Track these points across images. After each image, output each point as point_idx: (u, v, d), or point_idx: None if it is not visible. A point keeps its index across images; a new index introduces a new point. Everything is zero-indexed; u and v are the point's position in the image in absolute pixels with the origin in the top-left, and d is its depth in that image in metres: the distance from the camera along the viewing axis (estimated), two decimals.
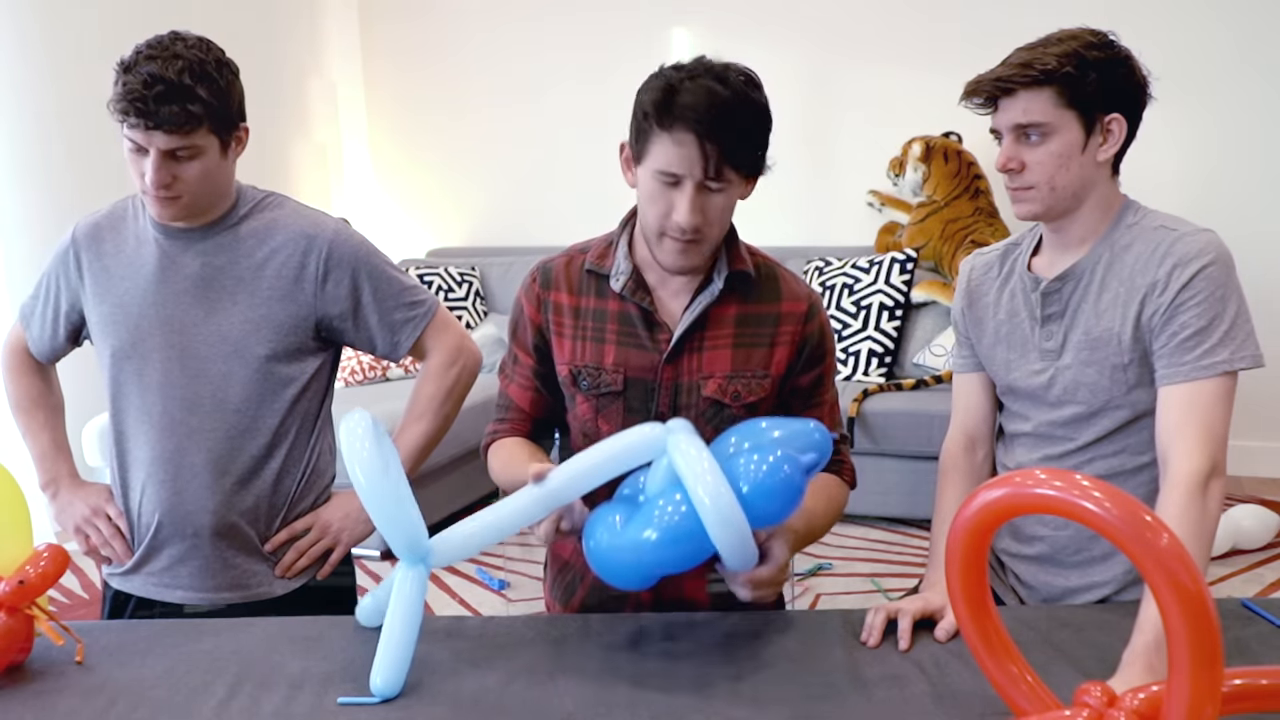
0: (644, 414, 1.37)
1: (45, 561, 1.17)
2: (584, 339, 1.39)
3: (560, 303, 1.40)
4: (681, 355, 1.36)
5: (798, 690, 1.11)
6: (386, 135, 4.95)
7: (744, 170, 1.26)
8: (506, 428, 1.48)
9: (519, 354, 1.46)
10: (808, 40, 4.15)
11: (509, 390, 1.48)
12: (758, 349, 1.37)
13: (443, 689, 1.13)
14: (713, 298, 1.35)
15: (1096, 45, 1.30)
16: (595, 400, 1.39)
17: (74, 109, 3.30)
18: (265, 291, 1.49)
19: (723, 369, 1.36)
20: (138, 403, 1.51)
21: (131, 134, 1.38)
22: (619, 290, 1.36)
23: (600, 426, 1.39)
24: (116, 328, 1.50)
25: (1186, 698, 0.76)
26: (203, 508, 1.49)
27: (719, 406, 1.37)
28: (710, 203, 1.25)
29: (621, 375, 1.37)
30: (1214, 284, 1.28)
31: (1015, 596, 1.51)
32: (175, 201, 1.44)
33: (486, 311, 4.40)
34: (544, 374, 1.45)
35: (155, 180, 1.40)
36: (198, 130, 1.39)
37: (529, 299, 1.43)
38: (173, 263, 1.50)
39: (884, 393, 3.42)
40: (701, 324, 1.36)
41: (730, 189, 1.26)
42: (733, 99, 1.21)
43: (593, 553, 1.13)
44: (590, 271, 1.40)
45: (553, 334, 1.41)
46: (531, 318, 1.43)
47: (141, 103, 1.34)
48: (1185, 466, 1.23)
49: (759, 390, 1.37)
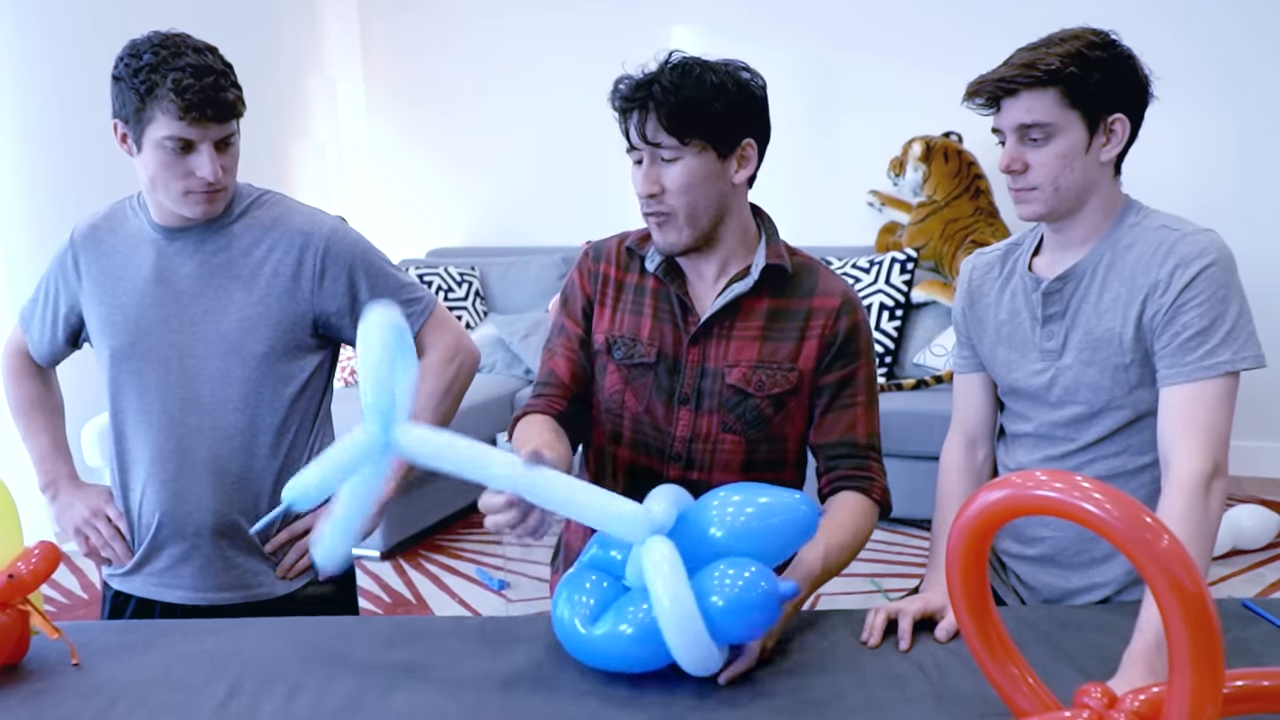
0: (669, 394, 1.41)
1: (36, 558, 1.17)
2: (624, 310, 1.45)
3: (607, 274, 1.47)
4: (710, 341, 1.40)
5: (798, 690, 1.11)
6: (386, 134, 4.95)
7: (680, 134, 1.29)
8: (542, 403, 1.47)
9: (566, 323, 1.50)
10: (808, 39, 4.15)
11: (551, 363, 1.50)
12: (786, 342, 1.39)
13: (443, 689, 1.12)
14: (746, 289, 1.38)
15: (1099, 45, 1.30)
16: (626, 371, 1.43)
17: (75, 110, 3.29)
18: (262, 289, 1.49)
19: (749, 359, 1.39)
20: (137, 403, 1.51)
21: (182, 131, 1.37)
22: (653, 270, 1.42)
23: (627, 400, 1.43)
24: (115, 328, 1.50)
25: (1187, 699, 0.76)
26: (203, 507, 1.49)
27: (742, 395, 1.39)
28: (665, 172, 1.31)
29: (655, 349, 1.42)
30: (1216, 284, 1.28)
31: (1016, 597, 1.51)
32: (220, 196, 1.45)
33: (486, 311, 4.40)
34: (588, 343, 1.49)
35: (214, 172, 1.40)
36: (238, 117, 1.42)
37: (581, 271, 1.50)
38: (170, 262, 1.49)
39: (884, 393, 3.42)
40: (732, 313, 1.39)
41: (685, 159, 1.30)
42: (658, 72, 1.30)
43: (560, 628, 1.15)
44: (630, 249, 1.46)
45: (597, 303, 1.47)
46: (582, 287, 1.49)
47: (200, 94, 1.35)
48: (1187, 467, 1.23)
49: (784, 382, 1.39)
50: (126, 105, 1.39)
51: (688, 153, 1.30)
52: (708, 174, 1.32)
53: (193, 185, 1.42)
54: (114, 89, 1.41)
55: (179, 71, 1.34)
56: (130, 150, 1.44)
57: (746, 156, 1.36)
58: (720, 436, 1.40)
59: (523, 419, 1.45)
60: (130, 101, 1.38)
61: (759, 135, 1.36)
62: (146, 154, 1.41)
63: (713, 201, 1.34)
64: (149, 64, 1.36)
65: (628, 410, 1.44)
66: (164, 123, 1.37)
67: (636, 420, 1.44)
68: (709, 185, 1.33)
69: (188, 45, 1.38)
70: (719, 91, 1.29)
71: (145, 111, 1.37)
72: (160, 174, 1.41)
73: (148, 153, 1.40)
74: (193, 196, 1.43)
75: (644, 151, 1.32)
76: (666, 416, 1.42)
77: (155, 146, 1.39)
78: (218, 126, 1.39)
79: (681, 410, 1.41)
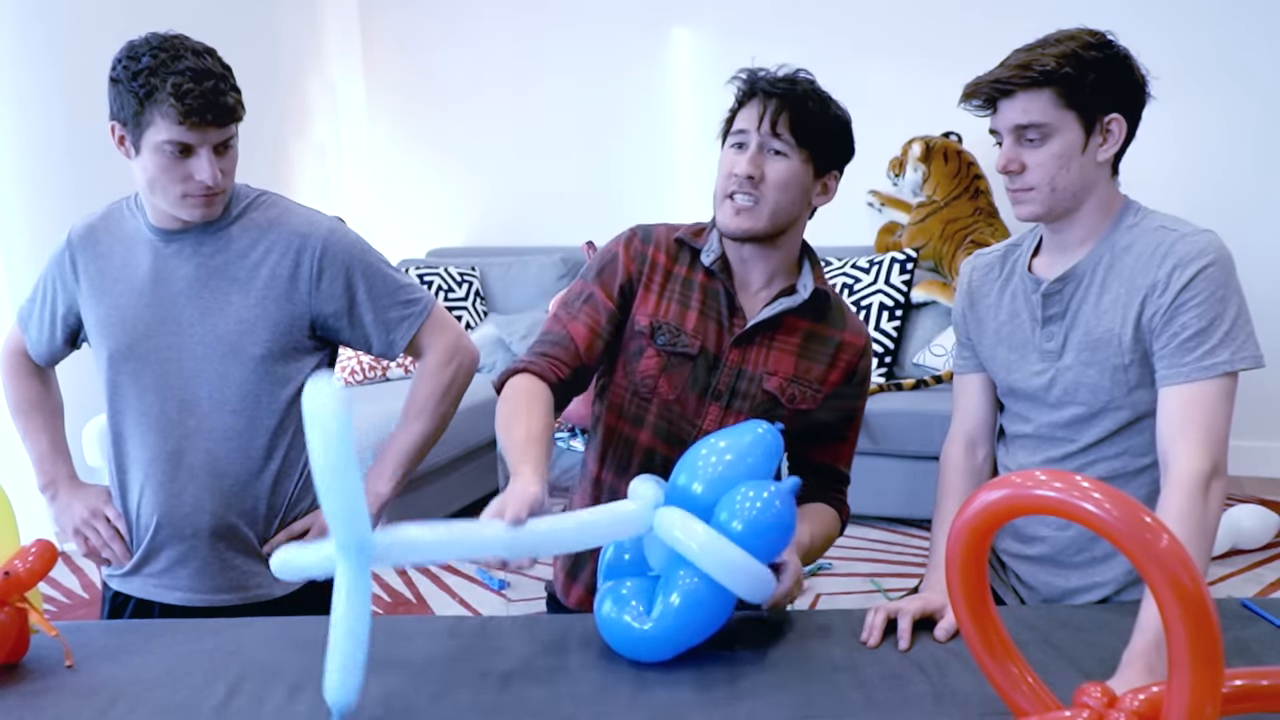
0: (703, 388, 1.44)
1: (33, 556, 1.17)
2: (670, 299, 1.46)
3: (657, 260, 1.47)
4: (752, 346, 1.44)
5: (798, 690, 1.11)
6: (386, 134, 4.95)
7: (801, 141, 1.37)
8: (544, 364, 1.40)
9: (597, 293, 1.46)
10: (807, 39, 4.15)
11: (570, 326, 1.44)
12: (818, 364, 1.46)
13: (442, 689, 1.12)
14: (794, 305, 1.44)
15: (1095, 45, 1.30)
16: (667, 358, 1.44)
17: (75, 110, 3.29)
18: (260, 291, 1.49)
19: (786, 371, 1.45)
20: (135, 405, 1.51)
21: (182, 135, 1.36)
22: (709, 265, 1.44)
23: (660, 386, 1.44)
24: (113, 330, 1.50)
25: (1186, 698, 0.76)
26: (201, 508, 1.49)
27: (774, 403, 1.44)
28: (769, 163, 1.38)
29: (699, 342, 1.44)
30: (1214, 285, 1.28)
31: (1016, 596, 1.51)
32: (218, 199, 1.45)
33: (486, 311, 4.40)
34: (618, 321, 1.47)
35: (213, 176, 1.39)
36: (238, 120, 1.41)
37: (626, 248, 1.48)
38: (167, 264, 1.49)
39: (884, 393, 3.43)
40: (775, 326, 1.45)
41: (789, 159, 1.37)
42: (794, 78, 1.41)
43: (619, 640, 1.17)
44: (681, 242, 1.48)
45: (642, 286, 1.47)
46: (625, 264, 1.47)
47: (200, 98, 1.34)
48: (1186, 467, 1.23)
49: (810, 401, 1.46)
50: (125, 108, 1.38)
51: (797, 159, 1.38)
52: (802, 183, 1.40)
53: (191, 189, 1.41)
54: (111, 91, 1.40)
55: (178, 75, 1.34)
56: (128, 153, 1.43)
57: (828, 188, 1.46)
58: None
59: (514, 379, 1.38)
60: (129, 104, 1.37)
61: (841, 166, 1.47)
62: (145, 157, 1.40)
63: (794, 209, 1.41)
64: (148, 67, 1.35)
65: (658, 396, 1.45)
66: (163, 127, 1.36)
67: (665, 407, 1.45)
68: (798, 194, 1.40)
69: (186, 48, 1.37)
70: (836, 121, 1.43)
71: (144, 115, 1.36)
72: (159, 177, 1.41)
73: (146, 156, 1.40)
74: (191, 200, 1.43)
75: (757, 139, 1.38)
76: (696, 409, 1.44)
77: (154, 150, 1.38)
78: (217, 130, 1.39)
79: (712, 405, 1.44)
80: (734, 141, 1.40)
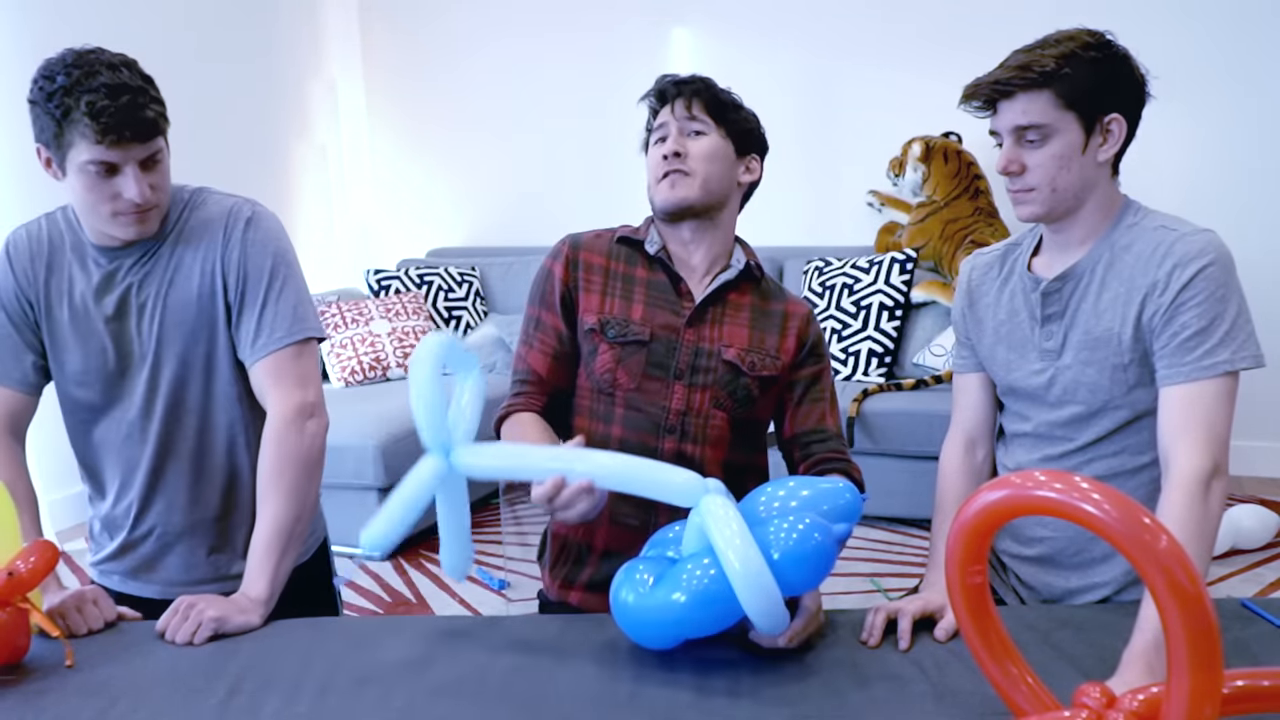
0: (664, 370, 1.46)
1: (35, 556, 1.17)
2: (613, 296, 1.50)
3: (592, 262, 1.52)
4: (704, 324, 1.48)
5: (798, 690, 1.11)
6: (386, 135, 4.95)
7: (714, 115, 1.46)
8: (522, 401, 1.50)
9: (543, 316, 1.53)
10: (808, 40, 4.15)
11: (529, 358, 1.53)
12: (771, 334, 1.51)
13: (442, 689, 1.13)
14: (731, 277, 1.49)
15: (1094, 46, 1.30)
16: (620, 349, 1.47)
17: None
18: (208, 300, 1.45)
19: (740, 342, 1.48)
20: (108, 425, 1.49)
21: (103, 155, 1.31)
22: (654, 253, 1.49)
23: (619, 377, 1.46)
24: (67, 344, 1.46)
25: (1186, 699, 0.76)
26: (176, 507, 1.50)
27: (736, 372, 1.46)
28: (691, 142, 1.46)
29: (648, 329, 1.47)
30: (1214, 284, 1.28)
31: (1016, 597, 1.51)
32: (151, 215, 1.40)
33: (486, 311, 4.40)
34: (567, 336, 1.51)
35: (141, 193, 1.34)
36: (162, 134, 1.36)
37: (557, 261, 1.53)
38: (110, 278, 1.45)
39: (884, 393, 3.42)
40: (721, 303, 1.50)
41: (709, 135, 1.46)
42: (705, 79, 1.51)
43: (620, 610, 1.16)
44: (622, 240, 1.53)
45: (581, 290, 1.50)
46: (561, 277, 1.51)
47: (115, 115, 1.28)
48: (1187, 467, 1.23)
49: (771, 367, 1.49)
50: (45, 130, 1.33)
51: (716, 135, 1.47)
52: (726, 156, 1.48)
53: (120, 207, 1.36)
54: (31, 114, 1.35)
55: (92, 93, 1.27)
56: (55, 175, 1.37)
57: (751, 169, 1.53)
58: (711, 411, 1.46)
59: (508, 420, 1.48)
60: (48, 127, 1.32)
61: (761, 153, 1.54)
62: (71, 178, 1.35)
63: (724, 183, 1.48)
64: (62, 86, 1.29)
65: (619, 388, 1.46)
66: (83, 147, 1.30)
67: (628, 398, 1.46)
68: (724, 167, 1.48)
69: (102, 63, 1.31)
70: (745, 110, 1.51)
71: (64, 136, 1.31)
72: (86, 197, 1.35)
73: (72, 177, 1.34)
74: (122, 218, 1.37)
75: (676, 125, 1.47)
76: (661, 391, 1.46)
77: (78, 171, 1.33)
78: (140, 146, 1.32)
79: (675, 384, 1.46)
80: (657, 137, 1.50)
